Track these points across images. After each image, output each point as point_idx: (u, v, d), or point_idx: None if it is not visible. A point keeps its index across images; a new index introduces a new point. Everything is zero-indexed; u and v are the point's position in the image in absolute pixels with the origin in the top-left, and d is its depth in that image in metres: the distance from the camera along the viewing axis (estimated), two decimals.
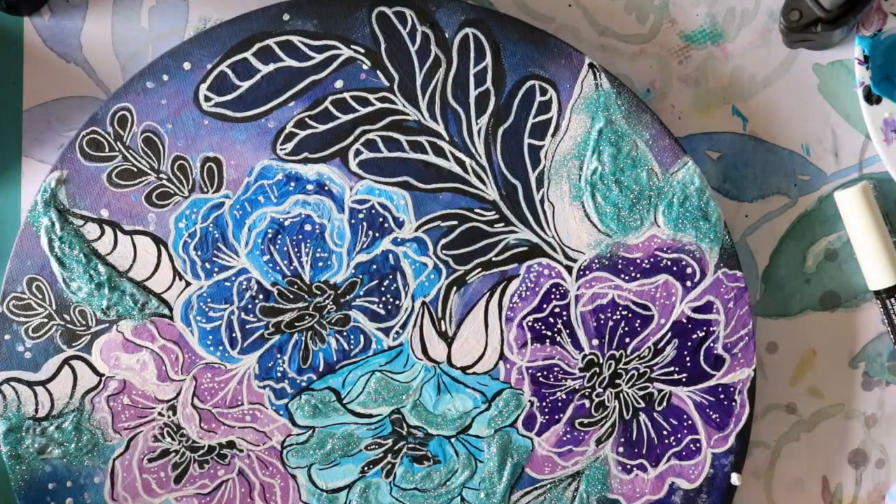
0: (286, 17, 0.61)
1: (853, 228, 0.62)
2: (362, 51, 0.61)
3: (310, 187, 0.61)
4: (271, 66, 0.61)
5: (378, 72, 0.61)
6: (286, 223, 0.61)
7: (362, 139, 0.61)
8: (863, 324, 0.63)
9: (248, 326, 0.62)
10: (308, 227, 0.61)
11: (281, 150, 0.61)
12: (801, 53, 0.63)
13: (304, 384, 0.62)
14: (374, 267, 0.61)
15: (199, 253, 0.61)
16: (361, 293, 0.62)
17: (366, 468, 0.62)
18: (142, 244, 0.62)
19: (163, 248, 0.61)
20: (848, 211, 0.62)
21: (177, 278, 0.62)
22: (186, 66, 0.61)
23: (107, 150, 0.61)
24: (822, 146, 0.63)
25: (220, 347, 0.62)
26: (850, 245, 0.63)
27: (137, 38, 0.64)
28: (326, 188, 0.61)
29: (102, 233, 0.61)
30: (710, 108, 0.63)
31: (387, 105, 0.61)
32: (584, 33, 0.63)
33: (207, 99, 0.61)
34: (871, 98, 0.61)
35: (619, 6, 0.63)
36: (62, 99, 0.64)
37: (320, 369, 0.62)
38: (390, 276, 0.61)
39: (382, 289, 0.61)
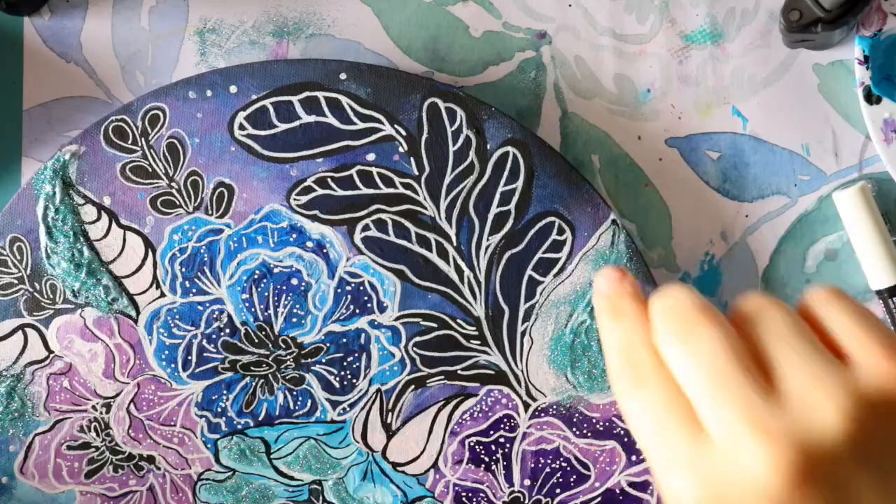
0: (343, 76, 0.61)
1: (852, 229, 0.62)
2: (404, 133, 0.61)
3: (309, 244, 0.61)
4: (312, 118, 0.61)
5: (412, 159, 0.61)
6: (275, 270, 0.61)
7: (374, 217, 0.61)
8: None
9: (205, 354, 0.62)
10: (294, 281, 0.61)
11: (294, 200, 0.61)
12: (801, 53, 0.63)
13: (239, 426, 0.62)
14: (344, 340, 0.62)
15: (184, 269, 0.62)
16: (323, 360, 0.62)
17: None
18: (132, 242, 0.62)
19: (150, 253, 0.62)
20: (846, 211, 0.62)
21: (154, 286, 0.62)
22: (233, 89, 0.61)
23: (130, 141, 0.61)
24: (822, 146, 0.63)
25: (173, 365, 0.62)
26: (850, 245, 0.62)
27: (137, 38, 0.64)
28: (325, 251, 0.61)
29: (98, 218, 0.61)
30: (710, 108, 0.63)
31: (409, 193, 0.61)
32: (583, 33, 0.63)
33: (242, 127, 0.61)
34: (871, 98, 0.61)
35: (619, 6, 0.63)
36: (62, 99, 0.64)
37: (260, 418, 0.62)
38: (356, 354, 0.62)
39: (345, 363, 0.62)
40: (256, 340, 0.62)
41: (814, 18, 0.58)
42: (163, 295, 0.62)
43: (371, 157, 0.61)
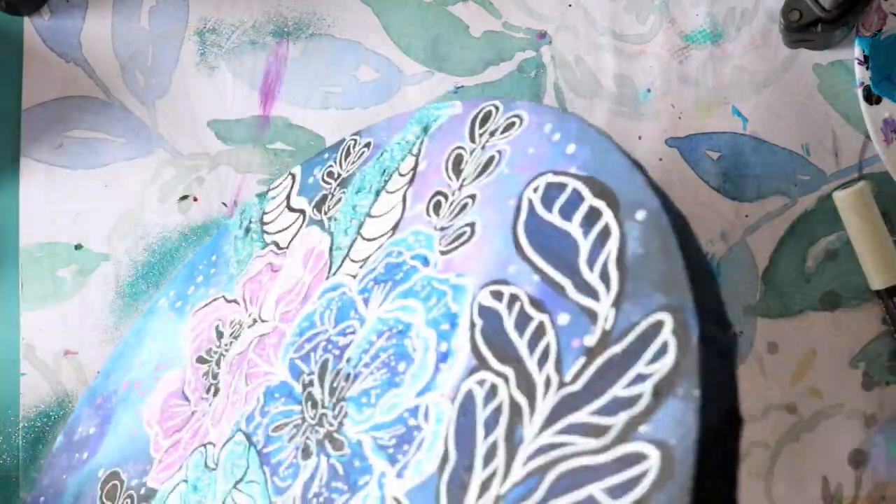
0: (641, 215, 0.40)
1: (852, 229, 0.60)
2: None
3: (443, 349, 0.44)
4: (579, 230, 0.42)
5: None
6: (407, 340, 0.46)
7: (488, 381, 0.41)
8: (863, 324, 0.61)
9: (312, 353, 0.50)
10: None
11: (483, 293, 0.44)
12: (801, 53, 0.62)
13: (255, 447, 0.49)
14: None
15: (382, 272, 0.50)
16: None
17: None
18: (393, 214, 0.52)
19: (392, 233, 0.51)
20: (846, 211, 0.59)
21: (360, 265, 0.51)
22: (570, 150, 0.45)
23: (485, 129, 0.51)
24: (822, 146, 0.61)
25: (297, 340, 0.51)
26: (850, 245, 0.61)
27: (137, 38, 0.63)
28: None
29: (405, 174, 0.53)
30: (710, 108, 0.62)
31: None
32: (583, 33, 0.62)
33: (535, 190, 0.45)
34: (871, 98, 0.59)
35: (619, 6, 0.62)
36: (62, 99, 0.63)
37: (269, 450, 0.48)
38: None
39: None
40: (335, 388, 0.47)
41: (814, 18, 0.58)
42: (355, 277, 0.51)
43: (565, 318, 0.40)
